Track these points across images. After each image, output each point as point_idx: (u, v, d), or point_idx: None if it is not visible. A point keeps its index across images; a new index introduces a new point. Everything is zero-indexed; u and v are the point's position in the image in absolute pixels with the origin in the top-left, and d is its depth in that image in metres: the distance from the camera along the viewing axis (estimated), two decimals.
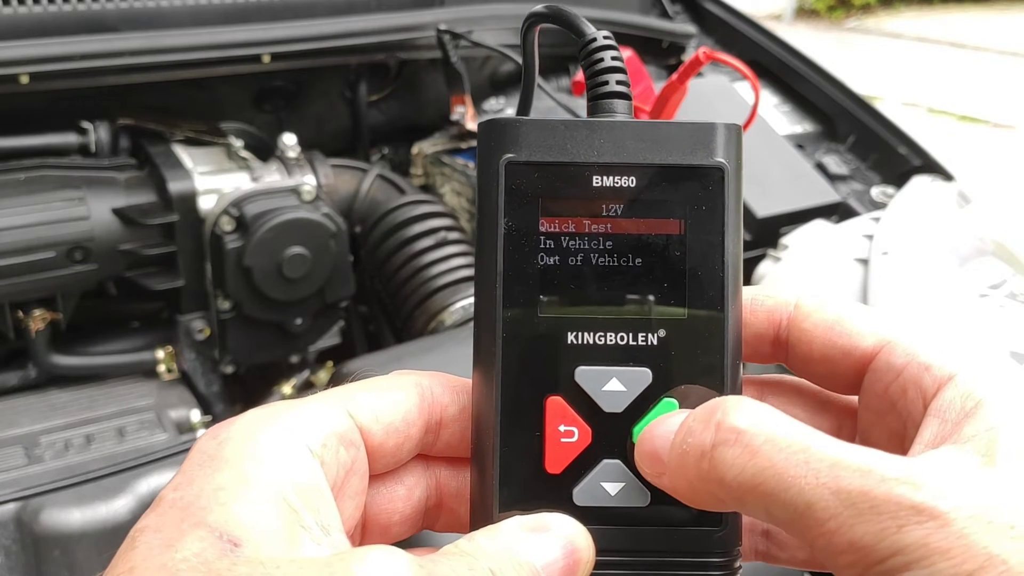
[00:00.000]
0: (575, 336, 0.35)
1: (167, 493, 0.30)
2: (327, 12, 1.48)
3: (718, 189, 0.35)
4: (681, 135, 0.35)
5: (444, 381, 0.37)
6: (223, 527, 0.28)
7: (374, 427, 0.34)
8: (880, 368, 0.34)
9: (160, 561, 0.28)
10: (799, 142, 1.65)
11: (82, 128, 1.40)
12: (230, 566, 0.27)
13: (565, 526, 0.32)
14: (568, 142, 0.35)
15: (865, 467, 0.28)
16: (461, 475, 0.37)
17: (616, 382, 0.35)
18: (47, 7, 1.29)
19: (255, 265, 1.32)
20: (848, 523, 0.28)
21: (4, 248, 1.22)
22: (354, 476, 0.34)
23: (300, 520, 0.30)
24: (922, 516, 0.27)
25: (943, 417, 0.31)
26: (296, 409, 0.33)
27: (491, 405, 0.35)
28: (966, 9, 10.03)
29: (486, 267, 0.35)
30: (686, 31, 1.84)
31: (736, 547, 0.35)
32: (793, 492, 0.29)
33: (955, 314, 1.14)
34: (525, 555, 0.31)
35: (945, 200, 1.38)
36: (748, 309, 0.37)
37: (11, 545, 0.98)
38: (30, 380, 1.35)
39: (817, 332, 0.36)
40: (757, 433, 0.30)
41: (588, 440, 0.35)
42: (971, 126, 6.19)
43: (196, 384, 1.40)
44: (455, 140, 1.62)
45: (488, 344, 0.35)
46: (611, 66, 0.37)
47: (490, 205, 0.35)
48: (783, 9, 9.72)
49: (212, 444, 0.31)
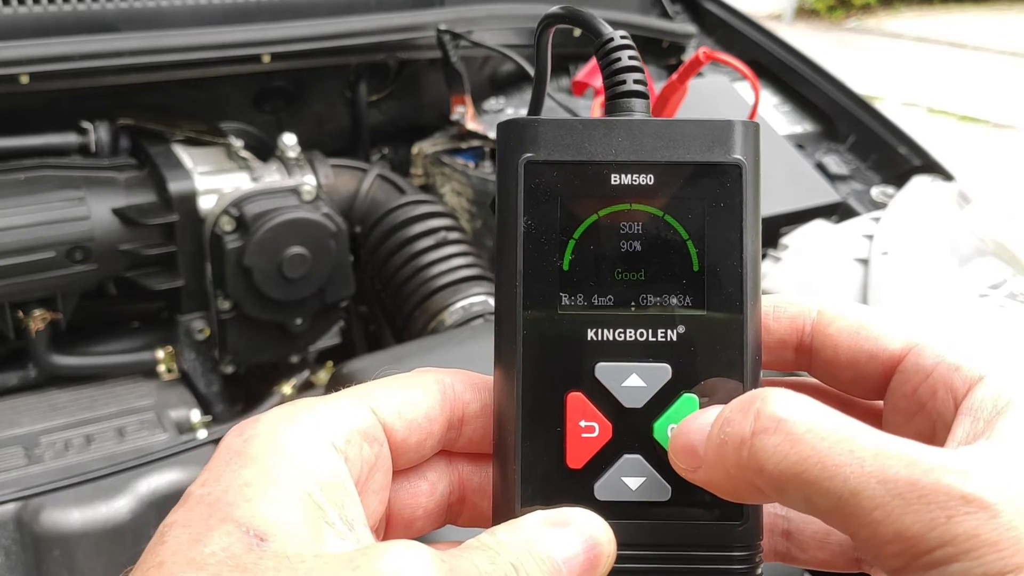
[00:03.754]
0: (595, 333, 0.35)
1: (195, 489, 0.31)
2: (327, 12, 1.48)
3: (736, 186, 0.35)
4: (699, 133, 0.35)
5: (465, 378, 0.37)
6: (250, 522, 0.29)
7: (397, 424, 0.35)
8: (908, 370, 0.35)
9: (189, 556, 0.28)
10: (799, 142, 1.65)
11: (82, 128, 1.40)
12: (256, 560, 0.28)
13: (586, 521, 0.33)
14: (586, 141, 0.35)
15: (911, 456, 0.28)
16: (483, 471, 0.37)
17: (636, 378, 0.35)
18: (47, 7, 1.29)
19: (255, 265, 1.32)
20: (896, 513, 0.28)
21: (4, 248, 1.22)
22: (378, 472, 0.34)
23: (325, 516, 0.30)
24: (972, 507, 0.27)
25: (975, 416, 0.31)
26: (320, 406, 0.33)
27: (512, 401, 0.35)
28: (966, 9, 10.03)
29: (506, 265, 0.35)
30: (686, 31, 1.84)
31: (758, 541, 0.35)
32: (838, 481, 0.28)
33: (955, 314, 1.14)
34: (546, 549, 0.31)
35: (945, 200, 1.38)
36: (771, 316, 0.37)
37: (11, 545, 0.98)
38: (30, 380, 1.35)
39: (842, 337, 0.36)
40: (799, 421, 0.30)
41: (609, 435, 0.35)
42: (971, 126, 6.19)
43: (196, 384, 1.40)
44: (455, 140, 1.62)
45: (509, 341, 0.35)
46: (629, 65, 0.37)
47: (509, 204, 0.35)
48: (783, 9, 9.72)
49: (238, 441, 0.32)
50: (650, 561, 0.34)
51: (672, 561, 0.35)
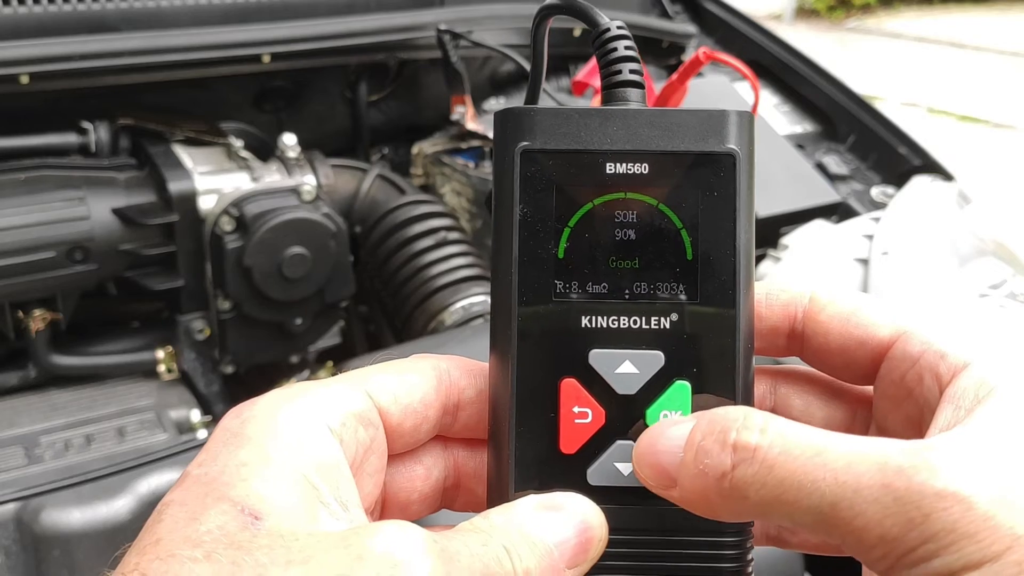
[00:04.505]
0: (589, 320, 0.35)
1: (192, 469, 0.31)
2: (327, 12, 1.48)
3: (730, 175, 0.35)
4: (693, 122, 0.35)
5: (461, 364, 0.37)
6: (245, 501, 0.29)
7: (392, 408, 0.35)
8: (897, 356, 0.35)
9: (185, 533, 0.29)
10: (799, 142, 1.65)
11: (82, 128, 1.40)
12: (251, 538, 0.28)
13: (579, 505, 0.33)
14: (582, 130, 0.35)
15: (882, 459, 0.29)
16: (478, 456, 0.38)
17: (629, 364, 0.35)
18: (47, 7, 1.29)
19: (255, 265, 1.32)
20: (875, 518, 0.28)
21: (4, 248, 1.22)
22: (372, 455, 0.35)
23: (319, 496, 0.31)
24: (946, 501, 0.27)
25: (957, 403, 0.32)
26: (316, 389, 0.34)
27: (507, 387, 0.35)
28: (966, 9, 10.03)
29: (502, 253, 0.36)
30: (686, 31, 1.84)
31: (749, 526, 0.35)
32: (815, 496, 0.29)
33: (955, 314, 1.14)
34: (538, 533, 0.32)
35: (945, 200, 1.38)
36: (763, 303, 0.37)
37: (11, 545, 0.98)
38: (30, 380, 1.35)
39: (833, 324, 0.36)
40: (772, 445, 0.30)
41: (602, 421, 0.35)
42: (971, 126, 6.19)
43: (196, 384, 1.40)
44: (455, 140, 1.62)
45: (504, 328, 0.36)
46: (625, 55, 0.38)
47: (505, 192, 0.36)
48: (783, 9, 9.72)
49: (235, 423, 0.32)
50: (641, 546, 0.35)
51: (663, 546, 0.35)
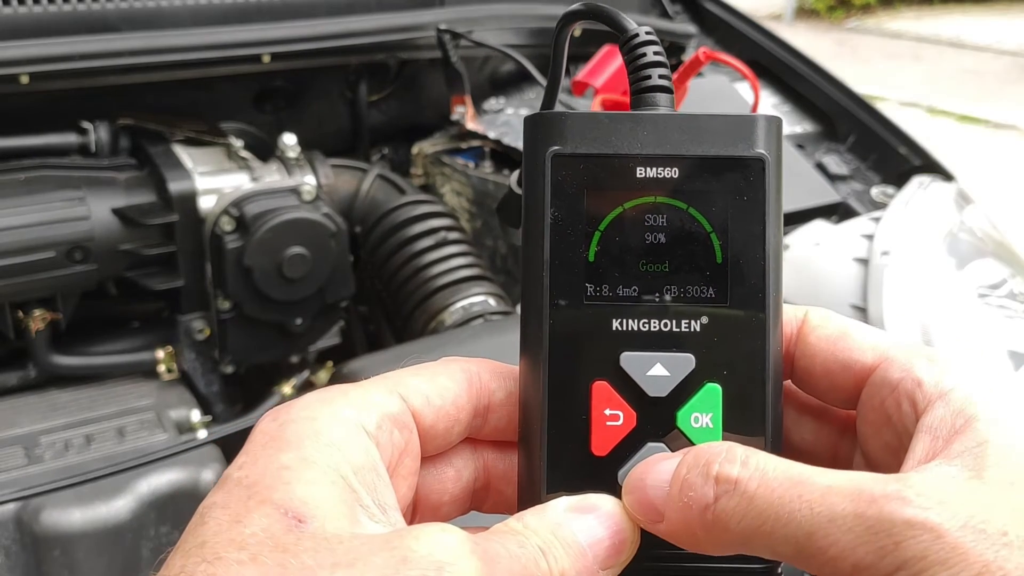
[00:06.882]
0: (620, 323, 0.36)
1: (232, 472, 0.32)
2: (327, 12, 1.48)
3: (759, 180, 0.36)
4: (723, 127, 0.36)
5: (491, 367, 0.38)
6: (288, 504, 0.30)
7: (425, 410, 0.35)
8: (877, 382, 0.35)
9: (230, 536, 0.29)
10: (799, 142, 1.65)
11: (82, 128, 1.40)
12: (296, 541, 0.29)
13: (611, 506, 0.34)
14: (612, 134, 0.36)
15: (855, 491, 0.29)
16: (508, 458, 0.38)
17: (660, 367, 0.36)
18: (47, 7, 1.29)
19: (255, 265, 1.32)
20: (849, 547, 0.29)
21: (4, 248, 1.22)
22: (407, 457, 0.35)
23: (359, 499, 0.31)
24: (916, 530, 0.28)
25: (934, 434, 0.32)
26: (351, 393, 0.34)
27: (539, 390, 0.36)
28: (966, 9, 10.03)
29: (533, 256, 0.36)
30: (686, 31, 1.84)
31: None
32: (792, 527, 0.29)
33: (955, 314, 1.14)
34: (572, 534, 0.32)
35: (945, 200, 1.38)
36: None
37: (11, 545, 0.98)
38: (30, 380, 1.35)
39: (820, 346, 0.36)
40: (751, 478, 0.31)
41: (633, 423, 0.36)
42: (971, 126, 6.19)
43: (196, 384, 1.40)
44: (455, 140, 1.62)
45: (536, 331, 0.36)
46: (654, 61, 0.38)
47: (536, 196, 0.36)
48: (783, 9, 9.73)
49: (274, 426, 0.33)
50: (673, 547, 0.35)
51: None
